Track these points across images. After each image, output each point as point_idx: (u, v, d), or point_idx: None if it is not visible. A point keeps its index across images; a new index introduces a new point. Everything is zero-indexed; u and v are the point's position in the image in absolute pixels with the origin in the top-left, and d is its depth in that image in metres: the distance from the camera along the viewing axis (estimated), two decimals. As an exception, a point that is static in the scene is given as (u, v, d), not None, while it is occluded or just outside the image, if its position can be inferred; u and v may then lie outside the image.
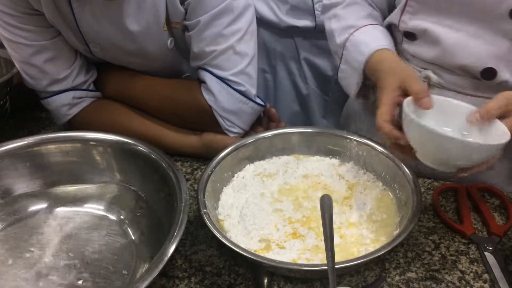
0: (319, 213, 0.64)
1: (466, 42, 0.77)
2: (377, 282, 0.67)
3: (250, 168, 0.83)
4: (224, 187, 0.79)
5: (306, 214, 0.75)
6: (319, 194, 0.75)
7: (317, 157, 0.85)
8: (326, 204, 0.64)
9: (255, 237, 0.70)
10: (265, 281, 0.67)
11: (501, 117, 0.67)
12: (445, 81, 0.83)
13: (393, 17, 0.87)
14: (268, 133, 0.85)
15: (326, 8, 0.92)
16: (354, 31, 0.85)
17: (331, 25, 0.90)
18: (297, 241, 0.70)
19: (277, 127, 0.92)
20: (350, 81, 0.87)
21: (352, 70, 0.85)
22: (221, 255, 0.73)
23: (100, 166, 0.81)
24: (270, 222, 0.73)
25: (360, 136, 0.83)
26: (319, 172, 0.82)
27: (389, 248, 0.62)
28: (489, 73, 0.76)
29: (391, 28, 0.90)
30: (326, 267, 0.59)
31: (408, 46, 0.87)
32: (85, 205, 0.80)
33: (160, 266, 0.58)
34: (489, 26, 0.75)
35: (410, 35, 0.85)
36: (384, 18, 0.90)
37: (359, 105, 1.02)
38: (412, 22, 0.83)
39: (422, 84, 0.72)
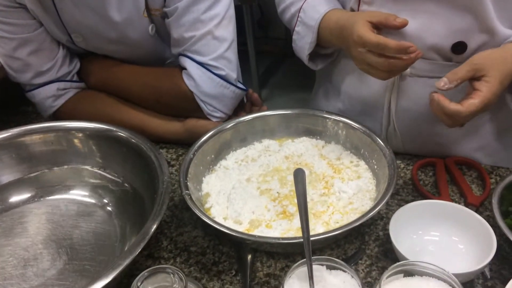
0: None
1: (429, 23, 0.77)
2: (356, 254, 0.69)
3: (232, 156, 0.85)
4: (207, 175, 0.81)
5: (292, 188, 0.76)
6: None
7: (298, 139, 0.87)
8: (299, 177, 0.66)
9: (245, 220, 0.71)
10: (249, 257, 0.69)
11: (472, 79, 0.69)
12: (416, 70, 0.81)
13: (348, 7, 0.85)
14: (248, 117, 0.86)
15: None
16: None
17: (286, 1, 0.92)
18: (285, 221, 0.71)
19: (259, 111, 0.93)
20: (304, 41, 0.87)
21: (307, 29, 0.86)
22: (206, 236, 0.75)
23: (83, 154, 0.82)
24: (260, 204, 0.74)
25: (338, 114, 0.84)
26: (300, 153, 0.84)
27: (364, 219, 0.63)
28: (460, 47, 0.77)
29: None
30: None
31: None
32: (70, 192, 0.81)
33: (142, 244, 0.60)
34: (447, 2, 0.75)
35: None
36: None
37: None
38: None
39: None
